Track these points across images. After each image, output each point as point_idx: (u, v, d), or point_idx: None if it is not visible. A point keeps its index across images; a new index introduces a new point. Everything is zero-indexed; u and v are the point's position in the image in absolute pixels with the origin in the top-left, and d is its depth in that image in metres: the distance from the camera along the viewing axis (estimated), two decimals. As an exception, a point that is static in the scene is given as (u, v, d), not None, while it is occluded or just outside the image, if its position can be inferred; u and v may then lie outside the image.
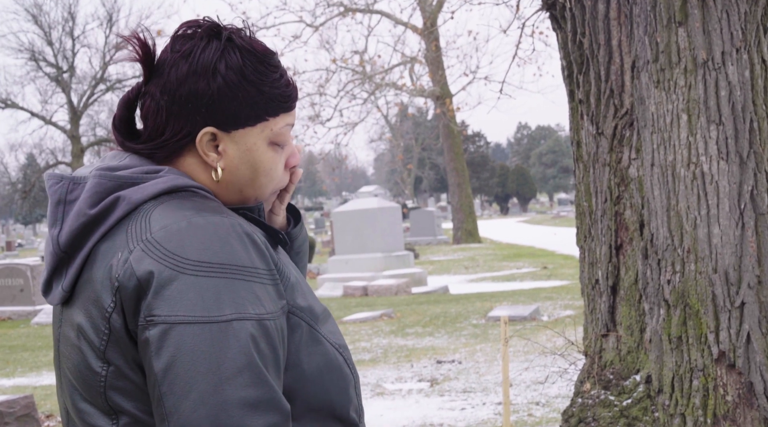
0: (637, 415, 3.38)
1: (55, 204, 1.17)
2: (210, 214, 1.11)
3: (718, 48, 3.26)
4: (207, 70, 1.16)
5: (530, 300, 11.52)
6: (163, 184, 1.15)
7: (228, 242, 1.09)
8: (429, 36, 22.97)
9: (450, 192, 27.38)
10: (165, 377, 1.04)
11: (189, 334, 1.04)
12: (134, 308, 1.08)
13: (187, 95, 1.15)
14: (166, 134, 1.17)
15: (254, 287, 1.09)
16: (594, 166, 3.70)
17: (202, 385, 1.03)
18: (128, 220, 1.13)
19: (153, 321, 1.06)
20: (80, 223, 1.14)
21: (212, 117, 1.17)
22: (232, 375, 1.03)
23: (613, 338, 3.61)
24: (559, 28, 3.88)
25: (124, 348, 1.10)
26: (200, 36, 1.17)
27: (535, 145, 76.06)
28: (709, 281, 3.23)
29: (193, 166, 1.20)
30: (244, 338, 1.05)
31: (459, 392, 6.70)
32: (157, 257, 1.08)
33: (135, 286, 1.07)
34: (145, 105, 1.18)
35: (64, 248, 1.15)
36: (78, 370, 1.14)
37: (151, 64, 1.18)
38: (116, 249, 1.12)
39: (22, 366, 9.45)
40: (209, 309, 1.05)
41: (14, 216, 67.71)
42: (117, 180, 1.15)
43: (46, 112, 36.08)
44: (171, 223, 1.10)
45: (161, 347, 1.05)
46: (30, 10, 36.17)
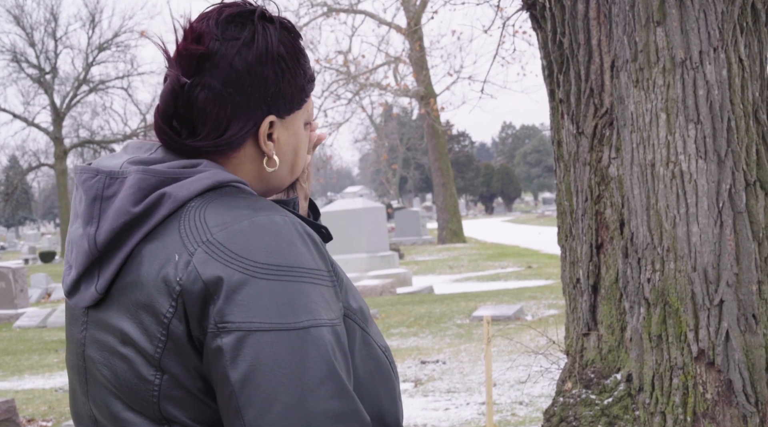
0: (617, 414, 3.39)
1: (91, 200, 1.09)
2: (268, 212, 1.05)
3: (696, 47, 3.27)
4: (272, 56, 1.11)
5: (514, 300, 11.54)
6: (207, 180, 1.07)
7: (293, 243, 1.03)
8: (413, 36, 22.99)
9: (435, 192, 27.41)
10: (243, 388, 0.97)
11: (267, 342, 0.98)
12: (200, 313, 1.01)
13: (255, 85, 1.10)
14: (232, 129, 1.10)
15: (322, 290, 1.03)
16: (574, 165, 3.71)
17: (285, 397, 0.96)
18: (175, 218, 1.06)
19: (226, 328, 0.98)
20: (122, 221, 1.06)
21: (274, 105, 1.12)
22: (315, 386, 0.97)
23: (594, 337, 3.62)
24: (539, 28, 3.89)
25: (185, 356, 1.02)
26: (257, 20, 1.11)
27: (519, 145, 76.30)
28: (688, 279, 3.25)
29: (245, 158, 1.14)
30: (323, 346, 0.99)
31: (443, 392, 6.70)
32: (224, 260, 1.01)
33: (201, 290, 1.00)
34: (199, 98, 1.09)
35: (102, 247, 1.07)
36: (122, 378, 1.06)
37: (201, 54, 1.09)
38: (168, 250, 1.04)
39: (4, 370, 9.38)
40: (285, 315, 0.99)
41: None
42: (160, 176, 1.07)
43: (28, 114, 35.86)
44: (230, 222, 1.03)
45: (237, 356, 0.98)
46: (12, 11, 35.94)
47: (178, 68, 1.10)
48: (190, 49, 1.09)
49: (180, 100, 1.10)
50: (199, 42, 1.10)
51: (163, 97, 1.11)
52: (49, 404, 7.28)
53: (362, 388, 1.08)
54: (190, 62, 1.09)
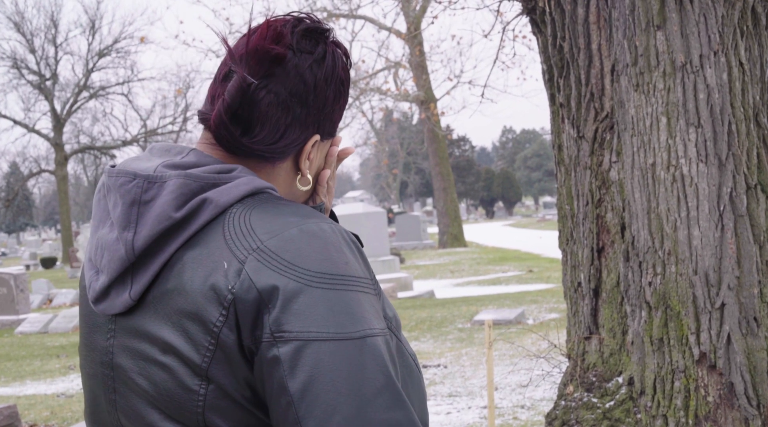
0: (619, 417, 3.39)
1: (129, 205, 1.06)
2: (315, 220, 1.04)
3: (696, 51, 3.28)
4: (336, 78, 1.12)
5: (516, 304, 11.54)
6: (246, 187, 1.06)
7: (342, 251, 1.03)
8: (413, 41, 23.02)
9: (435, 196, 27.42)
10: (303, 398, 0.96)
11: (326, 352, 0.97)
12: (253, 322, 0.99)
13: (317, 101, 1.11)
14: (286, 138, 1.10)
15: (371, 298, 1.03)
16: (575, 169, 3.72)
17: (344, 408, 0.95)
18: (218, 224, 1.04)
19: (283, 338, 0.97)
20: (163, 227, 1.04)
21: (323, 125, 1.13)
22: (373, 396, 0.96)
23: (595, 341, 3.63)
24: (539, 33, 3.90)
25: (235, 366, 1.01)
26: (329, 41, 1.13)
27: (520, 149, 76.33)
28: (689, 282, 3.25)
29: (283, 171, 1.14)
30: (380, 356, 0.99)
31: (444, 396, 6.70)
32: (277, 268, 1.00)
33: (255, 299, 0.99)
34: (263, 100, 1.08)
35: (139, 252, 1.05)
36: (163, 387, 1.04)
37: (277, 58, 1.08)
38: (214, 257, 1.02)
39: (6, 376, 9.38)
40: (341, 325, 0.98)
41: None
42: (200, 181, 1.06)
43: (29, 120, 35.90)
44: (279, 230, 1.02)
45: (296, 366, 0.97)
46: (12, 18, 35.99)
47: (245, 67, 1.08)
48: (267, 48, 1.08)
49: (243, 98, 1.09)
50: (278, 43, 1.09)
51: (231, 93, 1.08)
52: (51, 410, 7.28)
53: None
54: (262, 62, 1.08)
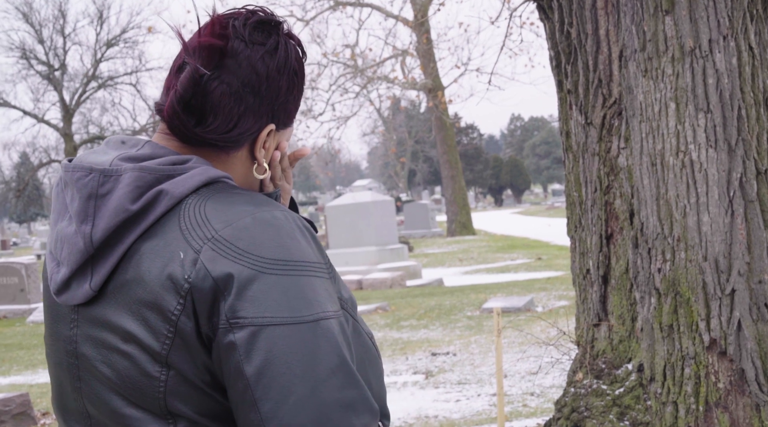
0: (629, 404, 3.39)
1: (85, 198, 1.09)
2: (269, 208, 1.08)
3: (705, 36, 3.26)
4: (289, 69, 1.15)
5: (524, 291, 11.53)
6: (200, 177, 1.09)
7: (295, 238, 1.06)
8: (420, 28, 22.94)
9: (443, 185, 27.39)
10: (258, 381, 1.00)
11: (280, 336, 1.00)
12: (209, 310, 1.03)
13: (269, 91, 1.14)
14: (239, 127, 1.13)
15: (325, 282, 1.07)
16: (583, 156, 3.70)
17: (299, 388, 0.99)
18: (174, 215, 1.07)
19: (239, 323, 1.01)
20: (120, 219, 1.07)
21: (277, 114, 1.16)
22: (327, 377, 1.00)
23: (604, 328, 3.62)
24: (546, 19, 3.88)
25: (194, 352, 1.04)
26: (282, 33, 1.16)
27: (528, 137, 76.11)
28: (699, 269, 3.24)
29: (238, 160, 1.16)
30: (332, 338, 1.02)
31: (454, 383, 6.71)
32: (232, 256, 1.03)
33: (211, 287, 1.02)
34: (216, 91, 1.11)
35: (98, 245, 1.08)
36: (125, 375, 1.07)
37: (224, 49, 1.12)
38: (171, 248, 1.05)
39: (18, 364, 9.44)
40: (295, 309, 1.02)
41: (8, 215, 67.53)
42: (156, 173, 1.09)
43: (38, 111, 35.96)
44: (233, 219, 1.05)
45: (251, 351, 1.00)
46: (20, 8, 36.02)
47: (197, 59, 1.11)
48: (213, 42, 1.11)
49: (196, 89, 1.12)
50: (222, 38, 1.12)
51: (183, 84, 1.11)
52: (63, 399, 7.32)
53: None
54: (211, 55, 1.11)
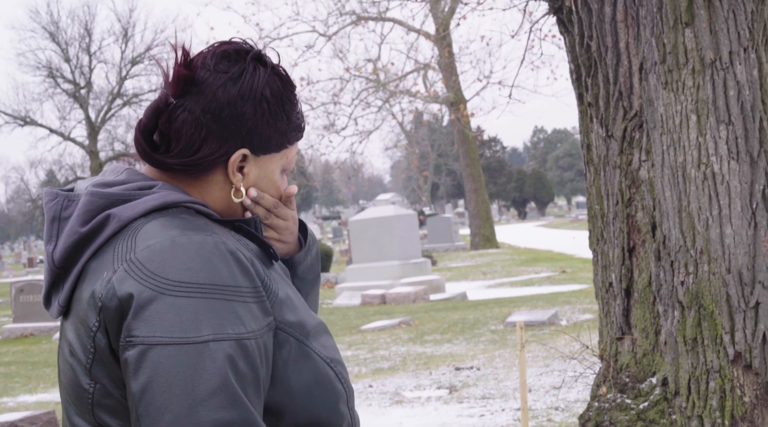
0: (654, 418, 3.36)
1: (50, 221, 1.19)
2: (194, 232, 1.11)
3: (726, 48, 3.25)
4: (255, 95, 1.18)
5: (549, 305, 11.48)
6: (153, 202, 1.15)
7: (210, 261, 1.09)
8: (442, 42, 22.99)
9: (467, 198, 27.35)
10: (141, 398, 1.04)
11: (165, 355, 1.04)
12: (116, 328, 1.08)
13: (232, 117, 1.17)
14: (202, 152, 1.18)
15: (235, 306, 1.08)
16: (604, 168, 3.69)
17: (176, 407, 1.02)
18: (118, 237, 1.14)
19: (132, 342, 1.06)
20: (72, 240, 1.15)
21: (249, 140, 1.19)
22: (207, 397, 1.03)
23: (628, 341, 3.60)
24: (566, 32, 3.89)
25: (109, 367, 1.10)
26: (249, 60, 1.19)
27: (551, 149, 75.85)
28: (722, 281, 3.21)
29: (212, 185, 1.21)
30: (220, 359, 1.05)
31: (478, 398, 6.68)
32: (139, 277, 1.08)
33: (116, 306, 1.08)
34: (179, 118, 1.17)
35: (59, 264, 1.17)
36: (70, 385, 1.16)
37: (189, 79, 1.18)
38: (102, 267, 1.12)
39: (45, 382, 9.52)
40: (186, 330, 1.05)
41: (35, 233, 68.27)
42: (108, 198, 1.16)
43: (64, 129, 36.42)
44: (155, 243, 1.10)
45: (138, 369, 1.05)
46: (47, 28, 36.59)
47: (169, 88, 1.18)
48: (181, 72, 1.17)
49: (163, 117, 1.18)
50: (188, 68, 1.18)
51: (146, 113, 1.19)
52: (89, 415, 7.37)
53: (296, 396, 1.13)
54: (177, 84, 1.17)
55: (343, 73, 22.27)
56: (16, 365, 10.90)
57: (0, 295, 24.80)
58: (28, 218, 47.18)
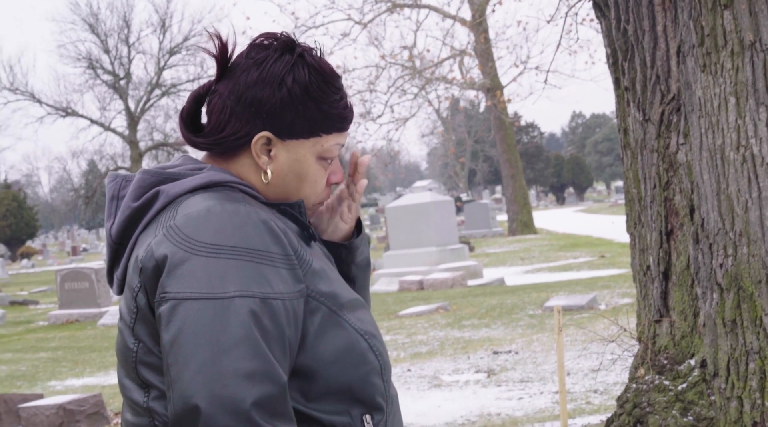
0: (692, 399, 3.38)
1: (110, 200, 1.28)
2: (231, 203, 1.20)
3: (766, 29, 3.23)
4: (275, 80, 1.24)
5: (587, 289, 11.44)
6: (200, 180, 1.24)
7: (242, 228, 1.17)
8: (477, 28, 22.87)
9: (504, 184, 27.25)
10: (171, 348, 1.12)
11: (193, 309, 1.12)
12: (153, 287, 1.17)
13: (252, 100, 1.24)
14: (225, 131, 1.25)
15: (263, 268, 1.16)
16: (642, 152, 3.70)
17: (201, 355, 1.10)
18: (165, 211, 1.23)
19: (165, 298, 1.15)
20: (126, 215, 1.25)
21: (271, 123, 1.25)
22: (230, 347, 1.11)
23: (666, 324, 3.61)
24: (602, 16, 3.89)
25: (149, 325, 1.19)
26: (275, 48, 1.26)
27: (590, 134, 75.08)
28: (762, 263, 3.21)
29: (246, 167, 1.27)
30: (243, 314, 1.12)
31: (516, 382, 6.72)
32: (174, 240, 1.17)
33: (153, 267, 1.17)
34: (212, 102, 1.27)
35: (116, 239, 1.26)
36: (120, 348, 1.24)
37: (226, 65, 1.27)
38: (149, 237, 1.21)
39: (91, 366, 9.76)
40: (214, 286, 1.13)
41: (78, 221, 69.46)
42: (159, 176, 1.26)
43: (104, 119, 36.94)
44: (192, 211, 1.19)
45: (170, 321, 1.13)
46: (87, 20, 37.08)
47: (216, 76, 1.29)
48: (221, 61, 1.27)
49: (202, 102, 1.29)
50: (222, 55, 1.27)
51: (188, 100, 1.30)
52: (135, 398, 7.54)
53: (326, 363, 1.20)
54: (219, 71, 1.27)
55: (379, 61, 22.31)
56: (62, 350, 11.18)
57: (45, 282, 25.35)
58: (71, 207, 47.99)
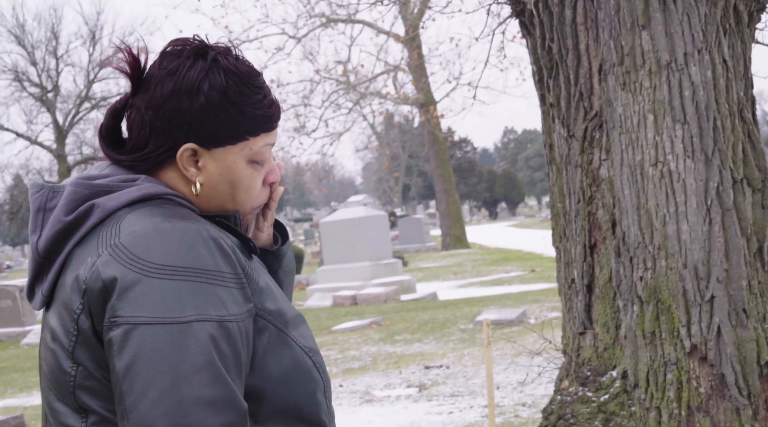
0: (614, 410, 3.45)
1: (35, 211, 1.22)
2: (178, 220, 1.15)
3: (681, 50, 3.35)
4: (191, 89, 1.19)
5: (517, 303, 11.60)
6: (137, 192, 1.18)
7: (194, 247, 1.12)
8: (411, 44, 23.10)
9: (437, 199, 27.48)
10: (126, 375, 1.07)
11: (150, 334, 1.07)
12: (100, 310, 1.11)
13: (171, 112, 1.19)
14: (148, 148, 1.21)
15: (217, 289, 1.11)
16: (566, 168, 3.78)
17: (160, 383, 1.05)
18: (102, 226, 1.17)
19: (116, 322, 1.09)
20: (56, 229, 1.18)
21: (194, 134, 1.20)
22: (190, 374, 1.06)
23: (590, 336, 3.69)
24: (528, 35, 3.97)
25: (92, 349, 1.13)
26: (187, 55, 1.21)
27: (522, 149, 76.33)
28: (679, 276, 3.31)
29: (174, 180, 1.23)
30: (203, 339, 1.08)
31: (447, 396, 6.76)
32: (123, 261, 1.11)
33: (100, 288, 1.11)
34: (131, 117, 1.22)
35: (43, 253, 1.19)
36: (51, 370, 1.18)
37: (139, 78, 1.22)
38: (87, 253, 1.15)
39: (12, 387, 9.45)
40: (170, 310, 1.08)
41: (2, 238, 67.37)
42: (93, 188, 1.19)
43: (31, 133, 35.96)
44: (138, 228, 1.14)
45: (123, 347, 1.08)
46: (13, 31, 36.10)
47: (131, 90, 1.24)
48: (134, 73, 1.22)
49: (120, 117, 1.24)
50: (133, 68, 1.22)
51: (106, 116, 1.25)
52: (58, 419, 7.33)
53: (274, 383, 1.16)
54: (134, 85, 1.22)
55: (313, 75, 22.30)
56: (-17, 371, 10.79)
57: (-34, 301, 24.45)
58: (-5, 222, 46.50)
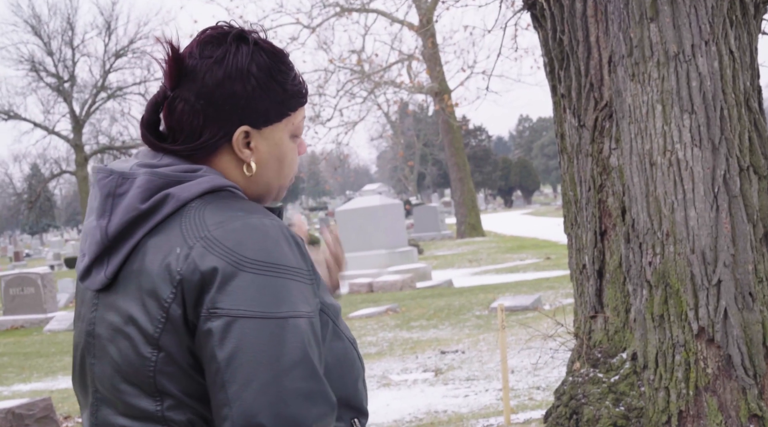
0: (624, 390, 3.58)
1: (105, 196, 1.24)
2: (259, 215, 1.20)
3: (688, 41, 3.45)
4: (241, 73, 1.23)
5: (532, 290, 11.71)
6: (206, 184, 1.22)
7: (279, 243, 1.18)
8: (425, 33, 23.13)
9: (452, 187, 27.56)
10: (228, 366, 1.12)
11: (251, 327, 1.13)
12: (196, 299, 1.15)
13: (225, 98, 1.23)
14: (204, 136, 1.24)
15: (302, 286, 1.18)
16: (577, 156, 3.89)
17: (263, 375, 1.11)
18: (177, 216, 1.20)
19: (216, 313, 1.14)
20: (130, 216, 1.21)
21: (247, 116, 1.24)
22: (289, 368, 1.12)
23: (600, 319, 3.81)
24: (539, 27, 4.07)
25: (180, 336, 1.17)
26: (230, 41, 1.25)
27: (537, 137, 76.17)
28: (687, 261, 3.42)
29: (227, 163, 1.27)
30: (299, 334, 1.14)
31: (462, 380, 6.89)
32: (219, 254, 1.16)
33: (198, 280, 1.15)
34: (177, 109, 1.24)
35: (112, 238, 1.22)
36: (123, 353, 1.21)
37: (181, 69, 1.24)
38: (170, 243, 1.19)
39: (38, 372, 9.67)
40: (269, 305, 1.14)
41: (20, 227, 67.97)
42: (165, 178, 1.22)
43: (48, 122, 36.30)
44: (225, 222, 1.18)
45: (225, 338, 1.13)
46: (29, 21, 36.42)
47: (166, 82, 1.26)
48: (170, 64, 1.25)
49: (165, 110, 1.26)
50: (177, 59, 1.25)
51: (146, 108, 1.27)
52: (83, 403, 7.52)
53: (330, 373, 1.24)
54: (171, 76, 1.25)
55: (328, 65, 22.40)
56: (8, 356, 11.04)
57: (-12, 289, 24.81)
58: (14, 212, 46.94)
